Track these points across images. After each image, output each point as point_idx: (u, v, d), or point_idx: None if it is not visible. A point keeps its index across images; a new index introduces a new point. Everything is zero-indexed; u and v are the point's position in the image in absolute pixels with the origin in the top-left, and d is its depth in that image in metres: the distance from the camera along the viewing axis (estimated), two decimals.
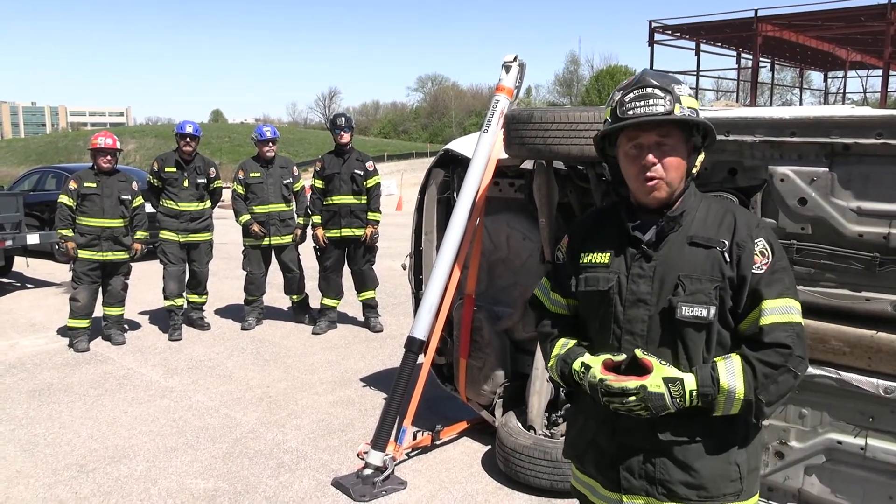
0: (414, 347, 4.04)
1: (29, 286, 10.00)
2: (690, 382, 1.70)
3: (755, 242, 1.74)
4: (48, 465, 4.18)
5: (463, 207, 4.09)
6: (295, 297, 7.56)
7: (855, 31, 25.02)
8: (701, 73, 29.70)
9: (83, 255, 6.47)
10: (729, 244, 1.74)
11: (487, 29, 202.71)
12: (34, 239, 9.33)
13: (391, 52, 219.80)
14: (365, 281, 7.13)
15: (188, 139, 7.03)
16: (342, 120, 6.99)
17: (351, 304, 7.72)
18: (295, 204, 7.51)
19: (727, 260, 1.73)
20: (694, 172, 1.82)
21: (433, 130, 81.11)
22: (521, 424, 3.95)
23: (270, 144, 7.27)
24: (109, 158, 6.58)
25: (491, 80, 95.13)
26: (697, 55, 28.51)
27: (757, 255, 1.73)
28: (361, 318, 7.41)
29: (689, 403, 1.69)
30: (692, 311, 1.72)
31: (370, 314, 7.26)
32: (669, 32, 28.18)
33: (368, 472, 3.84)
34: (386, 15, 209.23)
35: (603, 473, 1.87)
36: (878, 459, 2.76)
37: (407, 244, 5.12)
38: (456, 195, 4.36)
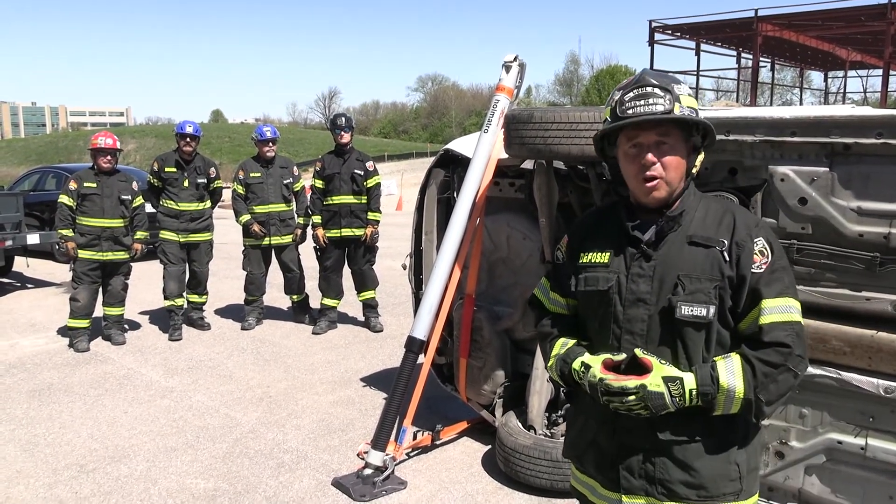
0: (414, 347, 4.04)
1: (29, 286, 10.00)
2: (690, 381, 1.70)
3: (754, 242, 1.74)
4: (48, 464, 4.18)
5: (463, 207, 4.09)
6: (295, 297, 7.56)
7: (855, 30, 25.02)
8: (701, 72, 29.71)
9: (83, 255, 6.47)
10: (728, 243, 1.74)
11: (487, 29, 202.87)
12: (34, 239, 9.33)
13: (391, 52, 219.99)
14: (365, 281, 7.13)
15: (188, 139, 7.03)
16: (342, 120, 7.00)
17: (351, 303, 7.72)
18: (295, 204, 7.51)
19: (727, 259, 1.73)
20: (693, 172, 1.82)
21: (433, 130, 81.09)
22: (521, 424, 3.95)
23: (270, 144, 7.27)
24: (109, 158, 6.58)
25: (491, 79, 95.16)
26: (697, 55, 28.53)
27: (756, 254, 1.73)
28: (361, 318, 7.41)
29: (688, 403, 1.69)
30: (692, 310, 1.72)
31: (370, 314, 7.26)
32: (669, 32, 28.18)
33: (368, 471, 3.84)
34: (386, 15, 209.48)
35: (603, 473, 1.87)
36: (878, 459, 2.75)
37: (407, 244, 5.12)
38: (456, 195, 4.35)
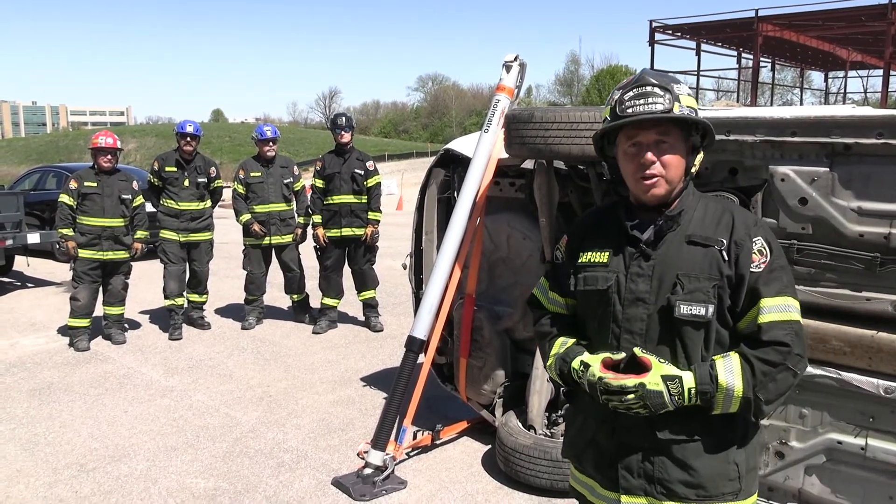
0: (414, 347, 4.04)
1: (29, 285, 10.01)
2: (689, 380, 1.70)
3: (753, 241, 1.74)
4: (48, 464, 4.18)
5: (463, 207, 4.09)
6: (295, 296, 7.56)
7: (855, 30, 25.02)
8: (701, 72, 29.70)
9: (84, 254, 6.47)
10: (727, 243, 1.75)
11: (487, 29, 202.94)
12: (35, 238, 9.33)
13: (391, 52, 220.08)
14: (365, 280, 7.13)
15: (188, 138, 7.03)
16: (343, 119, 7.00)
17: (351, 303, 7.72)
18: (295, 203, 7.51)
19: (725, 258, 1.73)
20: (693, 172, 1.82)
21: (434, 130, 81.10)
22: (521, 424, 3.95)
23: (271, 144, 7.27)
24: (110, 158, 6.58)
25: (491, 79, 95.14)
26: (698, 55, 28.52)
27: (755, 253, 1.73)
28: (362, 317, 7.41)
29: (687, 401, 1.70)
30: (690, 309, 1.72)
31: (370, 314, 7.26)
32: (670, 32, 28.17)
33: (368, 471, 3.84)
34: (386, 15, 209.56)
35: (602, 473, 1.87)
36: (878, 459, 2.75)
37: (407, 244, 5.12)
38: (456, 195, 4.35)
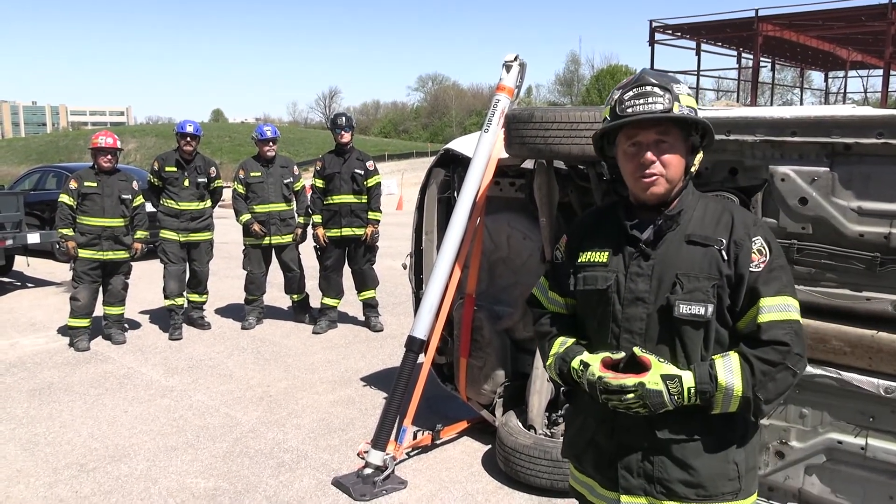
0: (414, 347, 4.04)
1: (29, 285, 10.01)
2: (688, 380, 1.70)
3: (753, 241, 1.74)
4: (48, 464, 4.18)
5: (463, 207, 4.09)
6: (295, 296, 7.56)
7: (855, 30, 25.02)
8: (701, 72, 29.70)
9: (84, 254, 6.47)
10: (727, 242, 1.75)
11: (487, 29, 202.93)
12: (35, 238, 9.33)
13: (391, 51, 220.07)
14: (365, 280, 7.13)
15: (188, 138, 7.03)
16: (343, 119, 7.00)
17: (351, 303, 7.72)
18: (295, 203, 7.51)
19: (725, 258, 1.74)
20: (692, 172, 1.82)
21: (434, 130, 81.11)
22: (521, 424, 3.95)
23: (271, 144, 7.27)
24: (110, 158, 6.58)
25: (491, 79, 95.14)
26: (698, 55, 28.52)
27: (754, 253, 1.73)
28: (362, 317, 7.41)
29: (687, 401, 1.70)
30: (690, 308, 1.72)
31: (370, 314, 7.26)
32: (670, 32, 28.18)
33: (369, 471, 3.84)
34: (386, 15, 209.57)
35: (601, 472, 1.87)
36: (878, 459, 2.76)
37: (407, 244, 5.12)
38: (456, 195, 4.35)
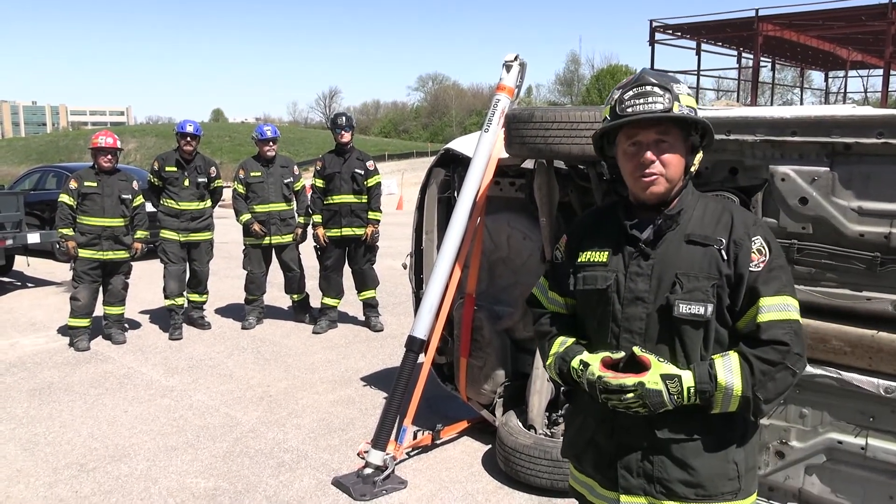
0: (414, 347, 4.04)
1: (29, 285, 10.01)
2: (688, 379, 1.70)
3: (752, 240, 1.74)
4: (48, 463, 4.18)
5: (463, 207, 4.09)
6: (295, 296, 7.56)
7: (856, 30, 25.00)
8: (702, 72, 29.68)
9: (84, 254, 6.47)
10: (726, 242, 1.75)
11: (487, 29, 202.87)
12: (35, 238, 9.33)
13: (391, 51, 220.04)
14: (365, 280, 7.13)
15: (189, 138, 7.03)
16: (343, 119, 7.00)
17: (351, 303, 7.72)
18: (295, 203, 7.52)
19: (724, 258, 1.74)
20: (692, 171, 1.83)
21: (434, 130, 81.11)
22: (521, 424, 3.95)
23: (271, 144, 7.27)
24: (110, 157, 6.58)
25: (491, 79, 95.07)
26: (698, 55, 28.50)
27: (754, 252, 1.73)
28: (362, 317, 7.41)
29: (686, 400, 1.70)
30: (690, 308, 1.72)
31: (371, 313, 7.26)
32: (670, 32, 28.16)
33: (369, 471, 3.84)
34: (386, 15, 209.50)
35: (601, 472, 1.87)
36: (878, 459, 2.75)
37: (407, 243, 5.12)
38: (456, 194, 4.35)
